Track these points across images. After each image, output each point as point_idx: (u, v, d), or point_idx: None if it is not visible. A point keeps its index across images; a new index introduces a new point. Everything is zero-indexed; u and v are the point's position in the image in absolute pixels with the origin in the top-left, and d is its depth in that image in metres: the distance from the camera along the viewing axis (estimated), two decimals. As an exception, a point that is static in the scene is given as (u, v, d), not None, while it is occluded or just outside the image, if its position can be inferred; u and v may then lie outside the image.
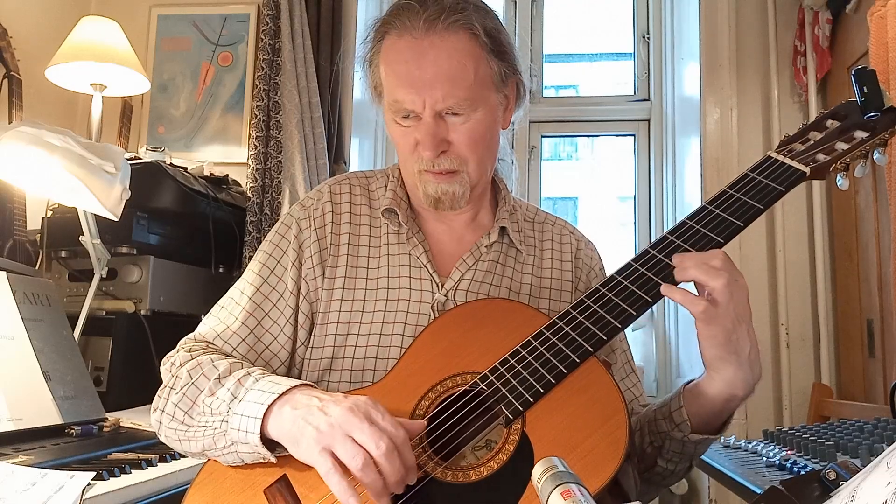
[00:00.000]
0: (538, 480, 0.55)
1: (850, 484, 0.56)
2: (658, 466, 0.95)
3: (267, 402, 0.83)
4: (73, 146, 1.53)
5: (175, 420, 0.91)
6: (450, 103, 0.94)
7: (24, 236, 2.03)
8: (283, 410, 0.82)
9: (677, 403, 0.91)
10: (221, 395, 0.87)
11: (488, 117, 0.98)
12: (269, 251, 1.05)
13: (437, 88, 0.93)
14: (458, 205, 1.02)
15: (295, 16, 2.45)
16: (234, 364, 0.92)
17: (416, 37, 0.94)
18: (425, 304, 1.01)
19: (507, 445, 0.80)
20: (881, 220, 1.99)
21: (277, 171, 2.37)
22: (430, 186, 1.00)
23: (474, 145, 0.98)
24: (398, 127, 1.00)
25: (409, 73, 0.94)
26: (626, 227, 2.96)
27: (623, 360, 1.09)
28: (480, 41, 0.96)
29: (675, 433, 0.91)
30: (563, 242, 1.13)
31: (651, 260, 0.89)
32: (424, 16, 0.94)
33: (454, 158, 0.98)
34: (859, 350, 2.15)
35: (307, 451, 0.79)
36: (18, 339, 1.40)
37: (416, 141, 0.97)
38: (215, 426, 0.86)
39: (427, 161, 0.98)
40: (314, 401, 0.82)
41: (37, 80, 2.22)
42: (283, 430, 0.82)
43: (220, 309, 1.04)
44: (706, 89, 2.48)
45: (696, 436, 0.89)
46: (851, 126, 0.93)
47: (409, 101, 0.95)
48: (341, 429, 0.77)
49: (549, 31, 3.00)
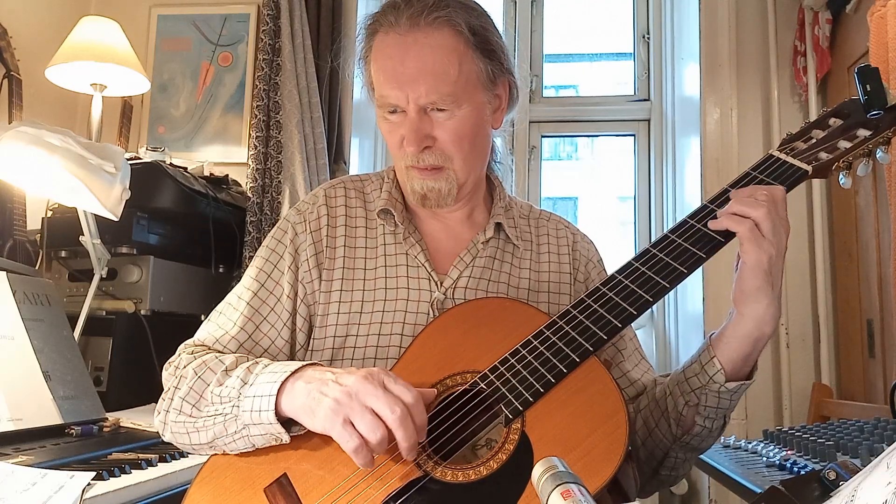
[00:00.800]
0: (538, 480, 0.55)
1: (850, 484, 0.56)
2: (696, 426, 0.93)
3: (280, 381, 0.84)
4: (73, 146, 1.53)
5: (182, 414, 0.91)
6: (432, 98, 0.95)
7: (24, 236, 2.03)
8: (296, 385, 0.83)
9: (708, 355, 0.90)
10: (231, 384, 0.88)
11: (474, 115, 0.99)
12: (265, 256, 1.06)
13: (420, 84, 0.94)
14: (445, 202, 1.02)
15: (295, 16, 2.45)
16: (241, 357, 0.94)
17: (401, 33, 0.96)
18: (424, 303, 1.01)
19: (506, 445, 0.80)
20: (881, 220, 1.99)
21: (277, 171, 2.37)
22: (416, 183, 1.01)
23: (459, 142, 0.98)
24: (386, 122, 1.01)
25: (394, 68, 0.96)
26: (626, 227, 2.96)
27: (632, 348, 1.09)
28: (465, 38, 0.96)
29: (711, 385, 0.89)
30: (560, 237, 1.14)
31: (651, 259, 0.89)
32: (408, 13, 0.95)
33: (439, 154, 0.98)
34: (859, 350, 2.15)
35: (325, 420, 0.79)
36: (18, 339, 1.40)
37: (402, 136, 0.98)
38: (226, 412, 0.87)
39: (412, 156, 0.99)
40: (328, 374, 0.83)
41: (37, 80, 2.22)
42: (297, 403, 0.82)
43: (217, 315, 1.04)
44: (706, 89, 2.48)
45: (732, 384, 0.89)
46: (854, 124, 0.93)
47: (394, 97, 0.96)
48: (357, 398, 0.78)
49: (549, 31, 3.00)
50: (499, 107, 1.05)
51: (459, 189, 1.02)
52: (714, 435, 0.96)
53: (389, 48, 0.97)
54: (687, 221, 0.91)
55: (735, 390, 0.89)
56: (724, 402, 0.91)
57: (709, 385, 0.90)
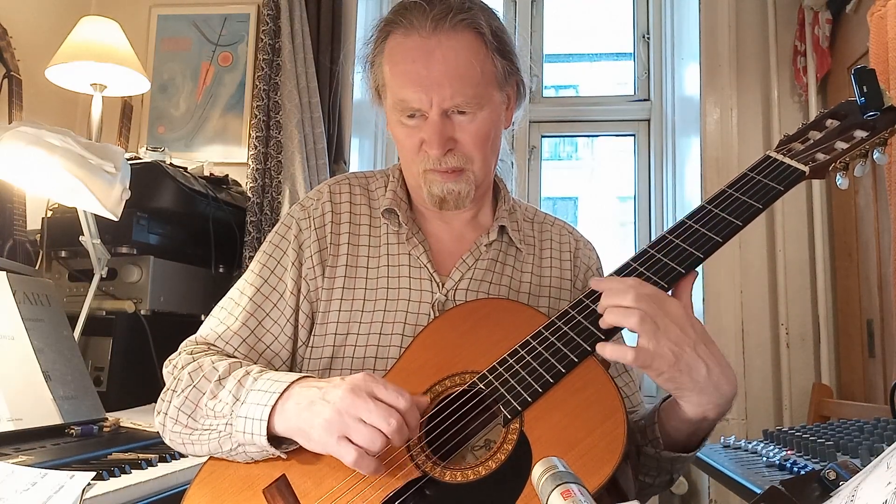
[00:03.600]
0: (538, 480, 0.55)
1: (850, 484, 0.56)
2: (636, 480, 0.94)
3: (270, 404, 0.83)
4: (73, 146, 1.53)
5: (178, 424, 0.91)
6: (458, 101, 0.95)
7: (24, 236, 2.03)
8: (287, 407, 0.83)
9: (652, 419, 0.90)
10: (223, 398, 0.88)
11: (493, 115, 0.99)
12: (269, 251, 1.05)
13: (446, 86, 0.94)
14: (463, 203, 1.02)
15: (295, 16, 2.45)
16: (234, 364, 0.93)
17: (424, 36, 0.95)
18: (425, 303, 1.01)
19: (505, 445, 0.80)
20: (881, 220, 1.99)
21: (277, 171, 2.37)
22: (436, 186, 1.00)
23: (481, 144, 0.98)
24: (403, 127, 1.00)
25: (417, 71, 0.95)
26: (626, 227, 2.95)
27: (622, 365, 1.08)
28: (486, 40, 0.96)
29: (648, 448, 0.90)
30: (563, 242, 1.14)
31: (650, 259, 0.89)
32: (431, 14, 0.95)
33: (460, 156, 0.98)
34: (859, 350, 2.15)
35: (322, 442, 0.79)
36: (18, 339, 1.40)
37: (422, 140, 0.98)
38: (220, 429, 0.87)
39: (434, 160, 0.98)
40: (314, 391, 0.82)
41: (37, 80, 2.22)
42: (290, 425, 0.82)
43: (220, 310, 1.04)
44: (706, 89, 2.48)
45: (668, 453, 0.88)
46: (851, 125, 0.93)
47: (416, 100, 0.95)
48: (349, 413, 0.78)
49: (549, 31, 3.00)
50: (509, 105, 1.06)
51: (476, 190, 1.02)
52: (659, 487, 0.95)
53: (411, 51, 0.96)
54: (685, 222, 0.91)
55: (673, 460, 0.89)
56: (664, 465, 0.91)
57: (646, 448, 0.90)
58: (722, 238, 0.87)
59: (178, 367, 0.96)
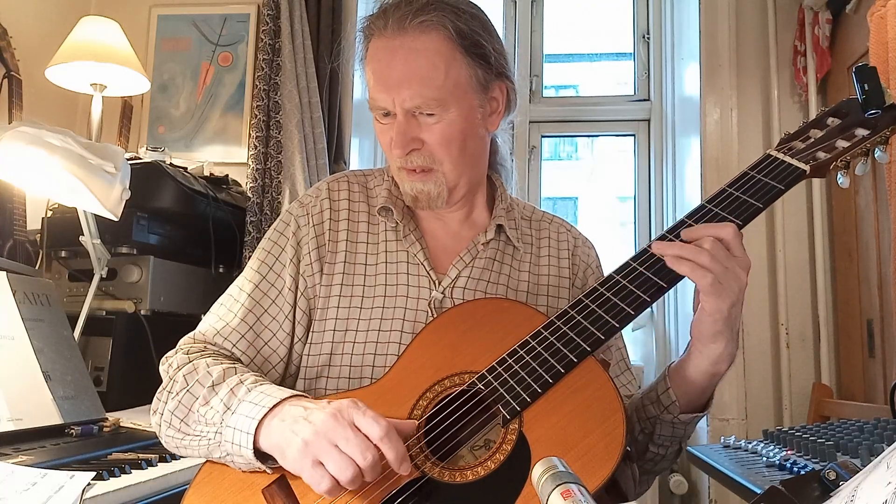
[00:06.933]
0: (538, 480, 0.55)
1: (850, 484, 0.56)
2: (649, 452, 0.97)
3: (258, 417, 0.83)
4: (73, 146, 1.52)
5: (172, 427, 0.92)
6: (417, 102, 0.95)
7: (24, 236, 2.03)
8: (272, 424, 0.82)
9: (664, 386, 0.92)
10: (215, 405, 0.88)
11: (463, 119, 0.98)
12: (267, 248, 1.06)
13: (405, 88, 0.95)
14: (435, 204, 1.02)
15: (295, 16, 2.45)
16: (228, 370, 0.92)
17: (389, 37, 0.96)
18: (423, 301, 1.01)
19: (504, 445, 0.80)
20: (881, 220, 1.99)
21: (277, 171, 2.37)
22: (407, 184, 1.02)
23: (447, 145, 0.98)
24: (378, 125, 1.02)
25: (381, 71, 0.97)
26: (626, 227, 2.95)
27: (618, 358, 1.09)
28: (453, 42, 0.96)
29: (665, 416, 0.92)
30: (560, 240, 1.13)
31: (650, 259, 0.89)
32: (396, 16, 0.96)
33: (427, 156, 0.99)
34: (859, 350, 2.15)
35: (295, 462, 0.78)
36: (18, 339, 1.40)
37: (391, 139, 0.99)
38: (210, 437, 0.87)
39: (398, 158, 0.99)
40: (300, 410, 0.82)
41: (37, 80, 2.22)
42: (272, 442, 0.82)
43: (219, 306, 1.04)
44: (706, 89, 2.48)
45: (685, 416, 0.91)
46: (852, 124, 0.93)
47: (382, 100, 0.97)
48: (326, 438, 0.77)
49: (549, 31, 3.00)
50: (495, 110, 1.04)
51: (451, 192, 1.02)
52: (669, 458, 0.98)
53: (379, 51, 0.98)
54: (685, 221, 0.91)
55: (689, 422, 0.92)
56: (678, 431, 0.94)
57: (663, 415, 0.93)
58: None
59: (173, 367, 0.96)
